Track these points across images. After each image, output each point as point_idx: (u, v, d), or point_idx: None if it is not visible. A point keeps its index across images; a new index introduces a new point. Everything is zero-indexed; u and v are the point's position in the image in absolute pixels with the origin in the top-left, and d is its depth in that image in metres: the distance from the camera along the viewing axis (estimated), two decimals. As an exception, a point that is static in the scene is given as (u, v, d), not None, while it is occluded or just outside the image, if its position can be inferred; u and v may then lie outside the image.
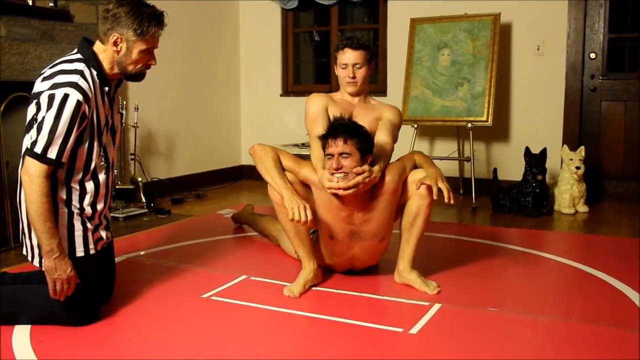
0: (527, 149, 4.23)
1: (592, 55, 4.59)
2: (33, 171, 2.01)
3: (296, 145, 4.97)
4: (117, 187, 4.17)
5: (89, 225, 2.20)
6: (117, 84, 2.32)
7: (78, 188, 2.17)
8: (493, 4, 4.61)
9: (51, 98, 2.02)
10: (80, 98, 2.04)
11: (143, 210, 4.19)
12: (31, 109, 2.11)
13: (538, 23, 4.66)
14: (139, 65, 2.22)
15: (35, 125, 2.04)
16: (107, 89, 2.23)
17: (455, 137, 4.89)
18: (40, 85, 2.09)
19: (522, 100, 4.78)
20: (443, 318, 2.29)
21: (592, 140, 4.65)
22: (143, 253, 3.19)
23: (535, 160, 4.18)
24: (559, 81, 4.65)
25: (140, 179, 4.37)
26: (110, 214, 2.47)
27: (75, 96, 2.03)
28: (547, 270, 2.92)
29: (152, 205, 4.28)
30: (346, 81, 2.73)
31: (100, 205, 2.24)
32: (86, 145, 2.15)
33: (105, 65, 2.20)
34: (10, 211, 3.22)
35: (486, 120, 4.40)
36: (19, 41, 3.60)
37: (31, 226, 2.08)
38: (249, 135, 5.83)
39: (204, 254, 3.15)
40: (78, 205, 2.18)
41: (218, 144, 5.61)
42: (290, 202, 2.41)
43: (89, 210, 2.20)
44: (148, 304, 2.43)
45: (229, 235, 3.60)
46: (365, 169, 2.40)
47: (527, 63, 4.73)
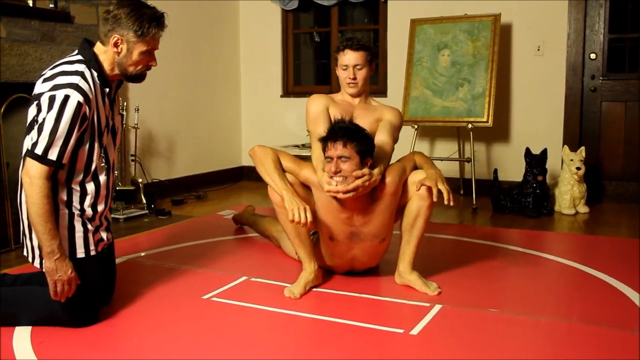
0: (528, 150, 4.23)
1: (593, 55, 4.59)
2: (34, 172, 2.01)
3: (296, 146, 4.97)
4: (118, 188, 4.17)
5: (89, 226, 2.20)
6: (118, 85, 2.33)
7: (79, 189, 2.17)
8: (493, 5, 4.61)
9: (52, 99, 2.02)
10: (81, 99, 2.05)
11: (143, 212, 4.20)
12: (32, 111, 2.11)
13: (538, 23, 4.66)
14: (140, 66, 2.22)
15: (36, 127, 2.04)
16: (108, 90, 2.23)
17: (456, 138, 4.89)
18: (40, 87, 2.09)
19: (523, 100, 4.78)
20: (444, 319, 2.29)
21: (593, 140, 4.65)
22: (143, 254, 3.19)
23: (535, 161, 4.18)
24: (559, 82, 4.65)
25: (140, 180, 4.37)
26: (111, 215, 2.47)
27: (76, 97, 2.04)
28: (548, 271, 2.92)
29: (153, 206, 4.28)
30: (347, 82, 2.72)
31: (100, 207, 2.25)
32: (87, 147, 2.15)
33: (106, 66, 2.20)
34: (11, 212, 3.22)
35: (486, 121, 4.40)
36: (19, 42, 3.60)
37: (32, 227, 2.08)
38: (249, 136, 5.84)
39: (204, 255, 3.15)
40: (79, 207, 2.18)
41: (218, 145, 5.61)
42: (291, 204, 2.40)
43: (89, 211, 2.20)
44: (148, 305, 2.43)
45: (230, 237, 3.60)
46: (364, 172, 2.39)
47: (528, 63, 4.73)
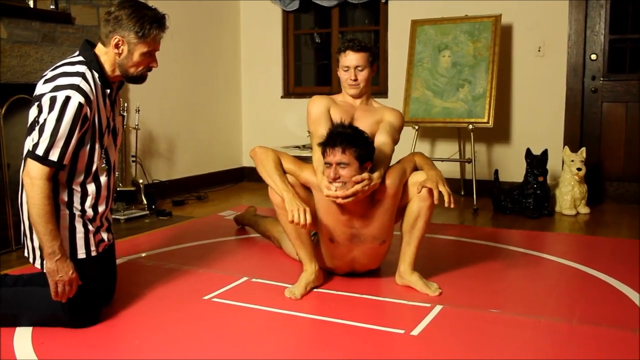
0: (528, 150, 4.23)
1: (593, 56, 4.59)
2: (35, 173, 2.01)
3: (297, 147, 4.97)
4: (119, 189, 4.17)
5: (90, 227, 2.21)
6: (119, 86, 2.33)
7: (79, 190, 2.17)
8: (494, 6, 4.61)
9: (53, 100, 2.02)
10: (81, 100, 2.05)
11: (144, 212, 4.20)
12: (33, 111, 2.11)
13: (539, 24, 4.66)
14: (141, 67, 2.23)
15: (37, 128, 2.04)
16: (109, 91, 2.23)
17: (456, 139, 4.89)
18: (41, 88, 2.09)
19: (523, 101, 4.78)
20: (444, 320, 2.29)
21: (593, 141, 4.64)
22: (144, 255, 3.19)
23: (536, 162, 4.18)
24: (559, 82, 4.65)
25: (141, 181, 4.37)
26: (112, 216, 2.47)
27: (77, 98, 2.04)
28: (548, 272, 2.92)
29: (153, 207, 4.28)
30: (348, 83, 2.71)
31: (101, 207, 2.25)
32: (88, 148, 2.15)
33: (107, 67, 2.21)
34: (12, 213, 3.23)
35: (487, 122, 4.40)
36: (20, 43, 3.61)
37: (33, 228, 2.08)
38: (249, 137, 5.84)
39: (205, 256, 3.15)
40: (79, 207, 2.18)
41: (219, 145, 5.61)
42: (291, 205, 2.40)
43: (90, 212, 2.21)
44: (149, 305, 2.43)
45: (230, 237, 3.60)
46: (364, 177, 2.37)
47: (528, 64, 4.73)
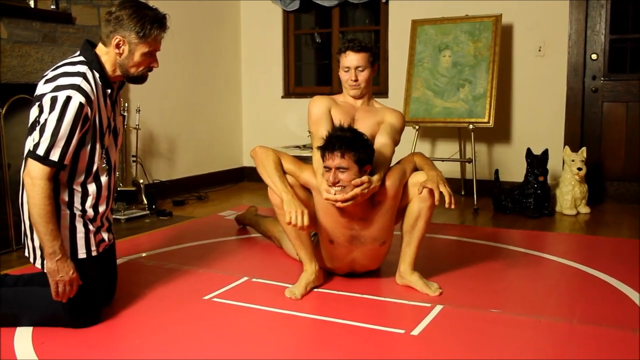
0: (529, 150, 4.23)
1: (594, 56, 4.58)
2: (35, 173, 2.01)
3: (297, 147, 4.97)
4: (119, 189, 4.18)
5: (91, 227, 2.21)
6: (120, 86, 2.33)
7: (80, 190, 2.17)
8: (494, 6, 4.61)
9: (54, 100, 2.03)
10: (82, 100, 2.05)
11: (145, 212, 4.20)
12: (33, 111, 2.11)
13: (539, 24, 4.66)
14: (141, 67, 2.23)
15: (38, 128, 2.04)
16: (110, 91, 2.23)
17: (457, 139, 4.89)
18: (42, 88, 2.09)
19: (524, 101, 4.78)
20: (445, 319, 2.29)
21: (594, 141, 4.64)
22: (145, 255, 3.19)
23: (536, 162, 4.18)
24: (560, 82, 4.65)
25: (141, 181, 4.37)
26: (112, 216, 2.47)
27: (77, 98, 2.04)
28: (549, 272, 2.92)
29: (154, 207, 4.28)
30: (349, 84, 2.70)
31: (102, 207, 2.25)
32: (88, 148, 2.15)
33: (108, 67, 2.21)
34: (12, 213, 3.23)
35: (487, 122, 4.40)
36: (20, 43, 3.61)
37: (33, 228, 2.08)
38: (250, 137, 5.84)
39: (205, 256, 3.15)
40: (80, 207, 2.18)
41: (219, 145, 5.61)
42: (289, 206, 2.39)
43: (91, 212, 2.21)
44: (150, 305, 2.43)
45: (231, 237, 3.60)
46: (363, 180, 2.36)
47: (529, 64, 4.73)
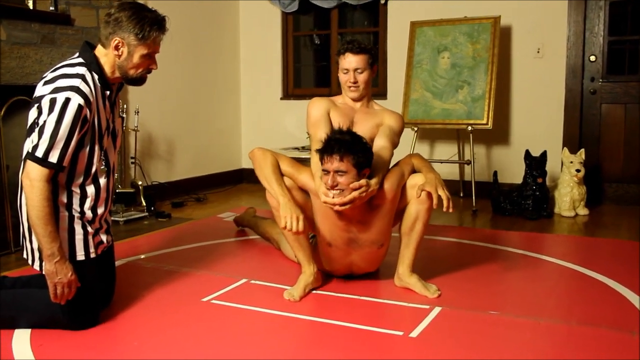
0: (527, 152, 4.23)
1: (592, 58, 4.59)
2: (34, 175, 2.01)
3: (296, 149, 4.96)
4: (118, 191, 4.17)
5: (89, 229, 2.21)
6: (119, 87, 2.33)
7: (79, 192, 2.17)
8: (493, 7, 4.62)
9: (53, 102, 2.03)
10: (81, 102, 2.05)
11: (143, 214, 4.20)
12: (32, 113, 2.11)
13: (538, 26, 4.66)
14: (140, 69, 2.23)
15: (37, 129, 2.04)
16: (109, 92, 2.23)
17: (456, 140, 4.89)
18: (41, 89, 2.09)
19: (522, 103, 4.78)
20: (443, 321, 2.29)
21: (592, 142, 4.65)
22: (143, 257, 3.19)
23: (535, 163, 4.18)
24: (559, 84, 4.66)
25: (140, 183, 4.37)
26: (111, 218, 2.47)
27: (76, 100, 2.04)
28: (548, 273, 2.92)
29: (153, 208, 4.28)
30: (348, 86, 2.70)
31: (100, 209, 2.25)
32: (87, 149, 2.15)
33: (107, 69, 2.21)
34: (11, 215, 3.23)
35: (486, 123, 4.40)
36: (19, 45, 3.61)
37: (32, 230, 2.08)
38: (249, 138, 5.84)
39: (204, 258, 3.15)
40: (79, 209, 2.18)
41: (218, 147, 5.61)
42: (284, 211, 2.39)
43: (89, 214, 2.20)
44: (148, 307, 2.43)
45: (229, 239, 3.60)
46: (362, 183, 2.35)
47: (527, 66, 4.74)
